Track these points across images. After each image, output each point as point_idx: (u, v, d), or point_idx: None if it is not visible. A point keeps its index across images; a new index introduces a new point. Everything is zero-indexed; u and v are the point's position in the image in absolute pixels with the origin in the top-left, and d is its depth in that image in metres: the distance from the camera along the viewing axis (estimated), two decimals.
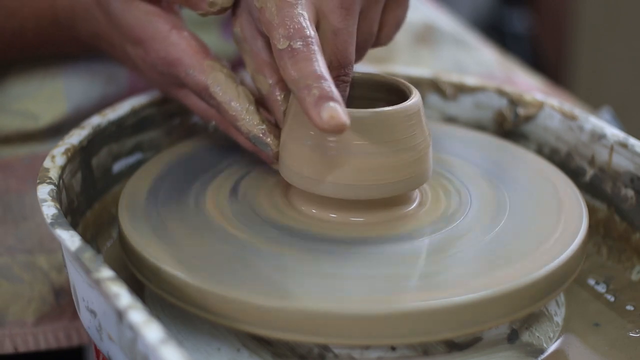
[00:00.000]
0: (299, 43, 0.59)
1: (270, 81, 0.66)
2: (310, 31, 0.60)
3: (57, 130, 0.80)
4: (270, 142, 0.65)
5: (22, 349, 0.74)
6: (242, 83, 0.67)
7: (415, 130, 0.62)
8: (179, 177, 0.68)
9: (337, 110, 0.56)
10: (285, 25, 0.60)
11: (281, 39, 0.59)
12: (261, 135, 0.66)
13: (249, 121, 0.66)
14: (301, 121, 0.62)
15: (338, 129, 0.56)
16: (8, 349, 0.74)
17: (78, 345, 0.77)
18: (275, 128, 0.66)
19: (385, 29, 0.69)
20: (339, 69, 0.63)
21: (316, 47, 0.59)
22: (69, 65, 0.80)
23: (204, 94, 0.67)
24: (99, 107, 0.80)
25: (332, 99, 0.56)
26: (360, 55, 0.68)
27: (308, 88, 0.57)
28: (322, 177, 0.62)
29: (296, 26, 0.60)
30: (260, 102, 0.68)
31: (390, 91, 0.66)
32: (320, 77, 0.57)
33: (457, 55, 1.00)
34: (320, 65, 0.58)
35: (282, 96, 0.66)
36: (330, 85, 0.57)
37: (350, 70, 0.64)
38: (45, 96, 0.80)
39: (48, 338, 0.75)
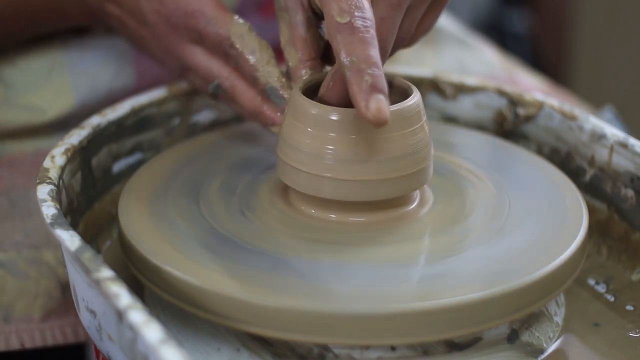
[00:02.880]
0: (359, 22, 0.59)
1: (300, 56, 0.67)
2: (371, 14, 0.60)
3: (63, 125, 0.80)
4: (287, 96, 0.66)
5: (28, 345, 0.74)
6: None
7: (415, 129, 0.62)
8: (178, 177, 0.68)
9: (384, 104, 0.57)
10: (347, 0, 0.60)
11: (342, 12, 0.59)
12: (279, 86, 0.66)
13: (269, 72, 0.67)
14: (300, 124, 0.62)
15: (380, 123, 0.57)
16: (14, 345, 0.74)
17: (83, 341, 0.77)
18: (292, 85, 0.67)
19: (417, 31, 0.69)
20: None
21: (374, 32, 0.59)
22: (76, 59, 0.80)
23: (224, 43, 0.67)
24: (105, 101, 0.81)
25: (382, 91, 0.57)
26: (391, 53, 0.67)
27: (360, 72, 0.57)
28: (322, 179, 0.61)
29: (358, 4, 0.60)
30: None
31: (391, 90, 0.66)
32: (375, 64, 0.58)
33: (460, 55, 1.00)
34: (377, 51, 0.59)
35: (309, 74, 0.67)
36: (382, 75, 0.58)
37: (384, 61, 0.63)
38: (52, 90, 0.80)
39: (55, 334, 0.75)
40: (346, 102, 0.60)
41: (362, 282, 0.58)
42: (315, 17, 0.67)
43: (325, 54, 0.68)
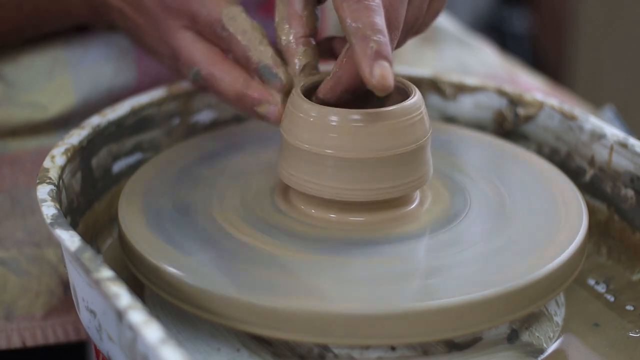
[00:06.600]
0: None
1: (294, 33, 0.67)
2: None
3: (65, 122, 0.80)
4: (280, 74, 0.66)
5: (30, 343, 0.74)
6: None
7: (416, 129, 0.62)
8: (178, 177, 0.68)
9: (389, 71, 0.57)
10: None
11: None
12: (272, 64, 0.66)
13: (262, 51, 0.67)
14: (299, 124, 0.62)
15: (385, 89, 0.57)
16: (16, 343, 0.73)
17: (85, 339, 0.77)
18: (285, 65, 0.67)
19: (428, 13, 0.69)
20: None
21: (380, 1, 0.60)
22: (78, 57, 0.80)
23: (216, 25, 0.68)
24: (107, 99, 0.81)
25: (386, 58, 0.58)
26: (404, 37, 0.67)
27: (365, 39, 0.58)
28: (322, 180, 0.61)
29: None
30: None
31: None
32: (380, 31, 0.58)
33: (461, 55, 1.00)
34: (383, 19, 0.59)
35: (302, 51, 0.67)
36: (387, 42, 0.58)
37: (395, 36, 0.63)
38: (54, 88, 0.80)
39: (56, 332, 0.74)
40: (359, 77, 0.60)
41: (362, 282, 0.58)
42: None
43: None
